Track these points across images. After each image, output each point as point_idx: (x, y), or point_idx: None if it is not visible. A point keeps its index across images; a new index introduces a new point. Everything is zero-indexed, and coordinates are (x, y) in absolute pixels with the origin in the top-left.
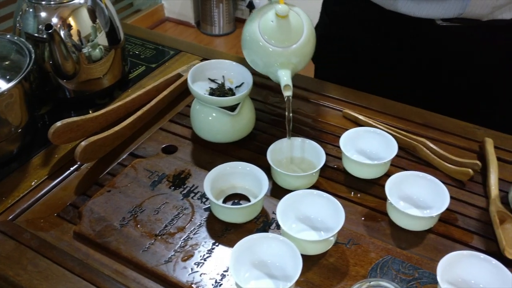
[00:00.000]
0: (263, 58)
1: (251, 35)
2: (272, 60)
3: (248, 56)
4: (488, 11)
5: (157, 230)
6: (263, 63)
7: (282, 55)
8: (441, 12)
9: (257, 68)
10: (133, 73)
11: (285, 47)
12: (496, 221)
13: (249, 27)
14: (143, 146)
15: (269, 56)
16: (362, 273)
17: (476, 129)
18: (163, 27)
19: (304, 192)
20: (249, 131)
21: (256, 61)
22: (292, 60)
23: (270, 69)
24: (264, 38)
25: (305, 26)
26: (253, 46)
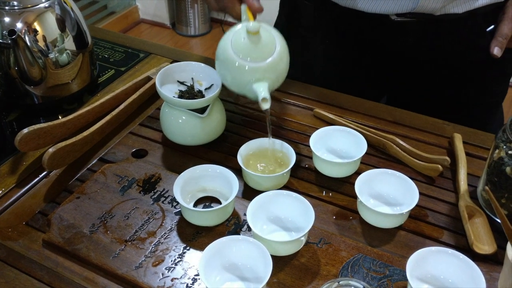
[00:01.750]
0: (239, 77)
1: (224, 55)
2: (248, 77)
3: (224, 77)
4: (440, 5)
5: (127, 236)
6: (239, 82)
7: (258, 70)
8: (394, 7)
9: (234, 88)
10: (103, 77)
11: (259, 62)
12: (465, 216)
13: (222, 47)
14: (112, 151)
15: (245, 73)
16: (333, 272)
17: (445, 125)
18: (138, 29)
19: (274, 193)
20: (220, 132)
21: (232, 81)
22: (268, 75)
23: (247, 87)
24: (238, 56)
25: (277, 41)
26: (228, 66)
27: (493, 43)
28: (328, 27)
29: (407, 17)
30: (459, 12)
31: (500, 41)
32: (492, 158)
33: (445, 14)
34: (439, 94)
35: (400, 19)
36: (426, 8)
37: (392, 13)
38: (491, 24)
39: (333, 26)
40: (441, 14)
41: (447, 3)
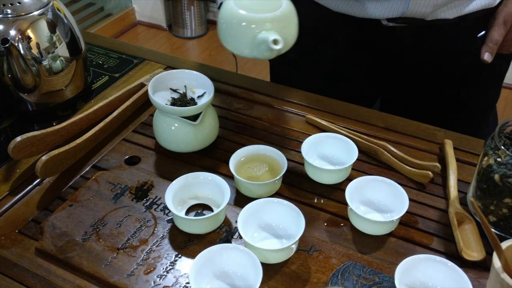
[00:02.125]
0: (245, 32)
1: (228, 13)
2: (255, 30)
3: (231, 39)
4: (430, 10)
5: (120, 244)
6: (246, 38)
7: (265, 21)
8: (385, 12)
9: (242, 51)
10: (97, 84)
11: (265, 13)
12: (455, 222)
13: (225, 7)
14: (106, 158)
15: (251, 25)
16: (323, 280)
17: (436, 131)
18: (135, 31)
19: (265, 200)
20: (213, 139)
21: (240, 41)
22: (275, 26)
23: (255, 41)
24: (243, 10)
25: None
26: (232, 24)
27: (484, 48)
28: (321, 31)
29: (398, 22)
30: (449, 18)
31: (491, 47)
32: (481, 165)
33: (435, 19)
34: (432, 97)
35: (391, 24)
36: (416, 13)
37: (383, 18)
38: (482, 30)
39: (326, 30)
40: (432, 19)
41: (436, 8)
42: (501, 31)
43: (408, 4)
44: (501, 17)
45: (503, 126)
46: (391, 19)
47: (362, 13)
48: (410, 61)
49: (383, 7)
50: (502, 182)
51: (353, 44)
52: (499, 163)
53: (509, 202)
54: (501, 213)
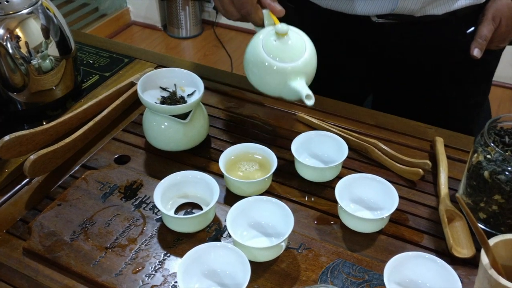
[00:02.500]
0: (274, 78)
1: (257, 58)
2: (284, 78)
3: (259, 81)
4: (419, 6)
5: (108, 243)
6: (275, 84)
7: (293, 70)
8: (375, 9)
9: (269, 91)
10: (87, 83)
11: (294, 62)
12: (445, 219)
13: (253, 51)
14: (95, 157)
15: (280, 74)
16: (313, 278)
17: (427, 129)
18: (130, 31)
19: (254, 198)
20: (203, 138)
21: (267, 83)
22: (302, 73)
23: (284, 88)
24: (271, 58)
25: (306, 41)
26: (261, 69)
27: (473, 44)
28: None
29: (388, 18)
30: (438, 14)
31: (480, 43)
32: (471, 162)
33: (424, 15)
34: (423, 94)
35: (381, 20)
36: (405, 9)
37: (372, 14)
38: (471, 26)
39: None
40: (421, 15)
41: (425, 4)
42: (490, 27)
43: (397, 0)
44: (490, 13)
45: (492, 123)
46: (380, 16)
47: (351, 9)
48: (400, 58)
49: (373, 3)
50: (492, 179)
51: (343, 41)
52: (489, 160)
53: (498, 199)
54: (491, 210)
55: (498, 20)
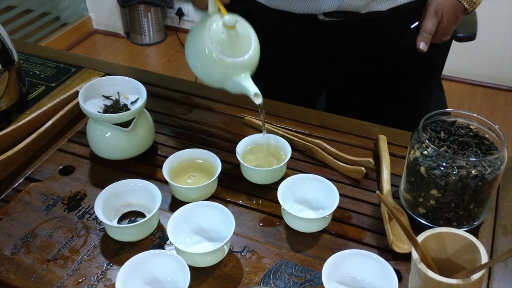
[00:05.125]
0: (221, 72)
1: (203, 50)
2: (231, 72)
3: (203, 73)
4: (364, 2)
5: (50, 255)
6: (220, 77)
7: (240, 65)
8: (321, 7)
9: (210, 82)
10: (32, 94)
11: (240, 57)
12: (386, 216)
13: (199, 41)
14: (39, 169)
15: (228, 68)
16: (255, 280)
17: (371, 127)
18: (92, 40)
19: (195, 204)
20: (149, 145)
21: (210, 76)
22: (248, 68)
23: (229, 82)
24: (218, 51)
25: (251, 33)
26: (207, 61)
27: (419, 38)
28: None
29: (334, 16)
30: (383, 10)
31: (425, 37)
32: (409, 158)
33: (370, 12)
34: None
35: (328, 19)
36: (351, 6)
37: (319, 12)
38: (415, 21)
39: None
40: (366, 12)
41: (370, 1)
42: (433, 21)
43: None
44: (432, 8)
45: (428, 119)
46: (327, 14)
47: (298, 8)
48: (349, 56)
49: (319, 1)
50: (428, 174)
51: (292, 41)
52: (425, 155)
53: (435, 194)
54: (429, 204)
55: (440, 14)
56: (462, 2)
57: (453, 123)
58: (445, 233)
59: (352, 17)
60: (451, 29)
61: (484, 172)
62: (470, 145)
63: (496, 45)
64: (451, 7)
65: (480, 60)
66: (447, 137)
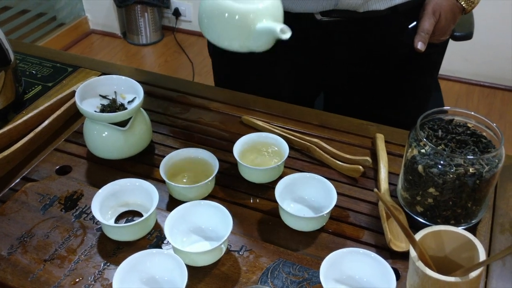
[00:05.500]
0: (241, 26)
1: (220, 6)
2: (254, 21)
3: (222, 34)
4: (361, 1)
5: (47, 255)
6: (242, 32)
7: (262, 12)
8: (318, 6)
9: (233, 43)
10: (29, 94)
11: (261, 2)
12: (383, 215)
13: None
14: (36, 169)
15: (248, 18)
16: (253, 279)
17: (369, 126)
18: (89, 40)
19: (192, 203)
20: (146, 144)
21: (233, 34)
22: (270, 14)
23: (252, 34)
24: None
25: None
26: (226, 18)
27: (417, 38)
28: None
29: (332, 16)
30: (381, 9)
31: (423, 36)
32: (406, 157)
33: (367, 11)
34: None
35: (325, 18)
36: (348, 5)
37: (316, 11)
38: (413, 21)
39: None
40: (364, 11)
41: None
42: (431, 21)
43: None
44: (430, 7)
45: (425, 117)
46: (324, 13)
47: (295, 8)
48: (346, 56)
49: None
50: (425, 173)
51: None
52: (423, 154)
53: (433, 192)
54: (427, 203)
55: (438, 14)
56: (460, 2)
57: (451, 122)
58: (443, 231)
59: (349, 17)
60: (449, 29)
61: (481, 170)
62: (467, 143)
63: (493, 44)
64: (449, 7)
65: (477, 60)
66: (444, 136)
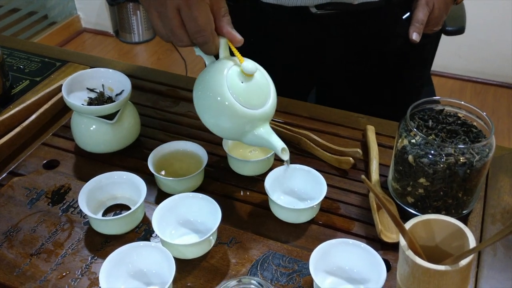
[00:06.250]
0: (240, 125)
1: (222, 104)
2: (252, 125)
3: (219, 126)
4: None
5: (33, 249)
6: (239, 131)
7: (262, 117)
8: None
9: (225, 135)
10: (17, 88)
11: (261, 107)
12: (374, 206)
13: (215, 92)
14: (23, 164)
15: (250, 121)
16: (242, 272)
17: (359, 118)
18: (81, 38)
19: (180, 196)
20: (134, 138)
21: (228, 130)
22: (268, 119)
23: (248, 135)
24: (240, 104)
25: (268, 78)
26: (226, 115)
27: (411, 29)
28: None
29: (326, 9)
30: (376, 0)
31: (418, 27)
32: (396, 147)
33: (362, 3)
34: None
35: (320, 11)
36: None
37: (311, 5)
38: (407, 12)
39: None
40: (359, 3)
41: None
42: (425, 11)
43: None
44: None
45: (415, 107)
46: (319, 7)
47: (290, 1)
48: (341, 49)
49: None
50: (416, 163)
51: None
52: (413, 144)
53: (423, 182)
54: (418, 193)
55: (432, 4)
56: None
57: (441, 112)
58: (433, 220)
59: (344, 9)
60: (442, 19)
61: (472, 159)
62: (458, 133)
63: (486, 40)
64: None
65: (470, 56)
66: (435, 126)
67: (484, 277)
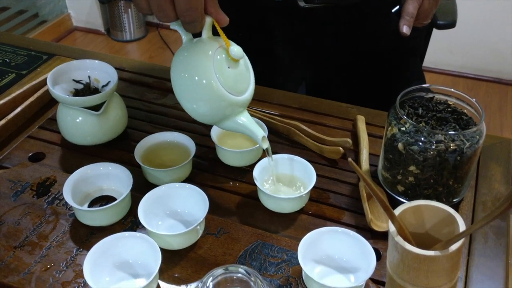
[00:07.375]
0: (221, 110)
1: (207, 86)
2: (232, 111)
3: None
4: None
5: (17, 242)
6: (220, 116)
7: (242, 104)
8: None
9: (204, 119)
10: (2, 82)
11: (242, 94)
12: (364, 195)
13: (200, 73)
14: (8, 156)
15: (231, 107)
16: (230, 262)
17: (349, 108)
18: (72, 37)
19: (167, 186)
20: (121, 130)
21: (208, 113)
22: (246, 106)
23: (226, 121)
24: (227, 90)
25: (248, 64)
26: (209, 98)
27: (402, 22)
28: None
29: (315, 2)
30: None
31: (408, 20)
32: (386, 135)
33: None
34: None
35: (308, 5)
36: None
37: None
38: (396, 5)
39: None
40: None
41: None
42: (415, 4)
43: None
44: None
45: (405, 95)
46: (308, 0)
47: None
48: (330, 42)
49: None
50: (406, 150)
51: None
52: (403, 132)
53: (413, 170)
54: (408, 181)
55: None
56: None
57: (431, 99)
58: (423, 206)
59: (333, 3)
60: (431, 12)
61: (462, 146)
62: (448, 120)
63: (477, 37)
64: None
65: (462, 52)
66: (425, 113)
67: (475, 265)
